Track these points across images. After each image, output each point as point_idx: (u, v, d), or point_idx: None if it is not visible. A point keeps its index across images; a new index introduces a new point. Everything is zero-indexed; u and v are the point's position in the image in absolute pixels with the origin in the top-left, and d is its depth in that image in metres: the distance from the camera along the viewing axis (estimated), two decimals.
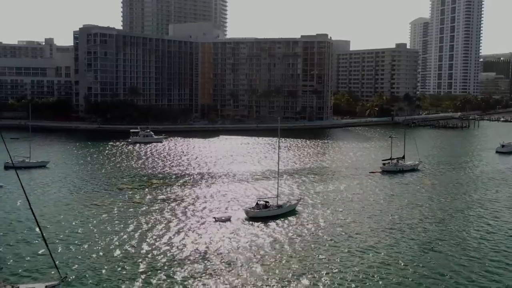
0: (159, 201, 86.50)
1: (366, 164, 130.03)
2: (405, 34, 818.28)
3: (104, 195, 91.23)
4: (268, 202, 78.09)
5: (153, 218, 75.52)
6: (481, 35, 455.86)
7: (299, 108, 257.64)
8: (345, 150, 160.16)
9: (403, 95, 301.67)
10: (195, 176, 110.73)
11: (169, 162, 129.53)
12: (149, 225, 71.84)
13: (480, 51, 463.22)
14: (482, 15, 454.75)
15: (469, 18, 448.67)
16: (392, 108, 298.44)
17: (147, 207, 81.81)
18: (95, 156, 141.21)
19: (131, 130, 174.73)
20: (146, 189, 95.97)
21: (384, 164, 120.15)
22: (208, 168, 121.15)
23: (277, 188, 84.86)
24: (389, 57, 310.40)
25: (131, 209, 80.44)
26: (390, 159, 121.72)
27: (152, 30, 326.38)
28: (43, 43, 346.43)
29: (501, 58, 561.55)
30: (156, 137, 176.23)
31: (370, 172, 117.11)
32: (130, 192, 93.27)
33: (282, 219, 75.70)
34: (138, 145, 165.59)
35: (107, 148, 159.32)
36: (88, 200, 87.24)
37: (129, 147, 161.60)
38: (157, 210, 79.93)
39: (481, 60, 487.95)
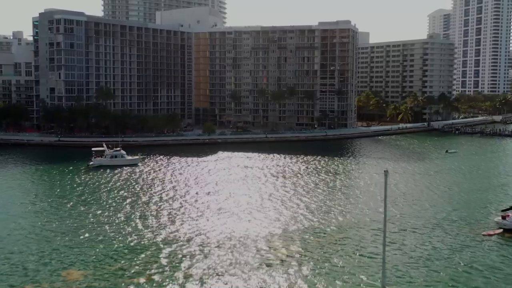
0: None
1: (462, 213, 78.97)
2: (423, 27, 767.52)
3: None
4: None
5: None
6: (511, 27, 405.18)
7: (317, 113, 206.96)
8: (403, 178, 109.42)
9: (438, 95, 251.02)
10: (155, 260, 60.19)
11: (124, 216, 78.38)
12: None
13: (511, 45, 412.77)
14: None
15: (498, 8, 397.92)
16: (424, 111, 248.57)
17: None
18: (21, 196, 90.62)
19: (93, 149, 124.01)
20: None
21: (504, 216, 69.59)
22: (186, 231, 69.64)
23: None
24: (419, 50, 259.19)
25: None
26: None
27: (138, 20, 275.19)
28: (11, 37, 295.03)
29: None
30: (130, 157, 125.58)
31: (484, 234, 66.66)
32: None
33: None
34: (101, 171, 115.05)
35: (55, 177, 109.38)
36: None
37: (88, 175, 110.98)
38: None
39: None
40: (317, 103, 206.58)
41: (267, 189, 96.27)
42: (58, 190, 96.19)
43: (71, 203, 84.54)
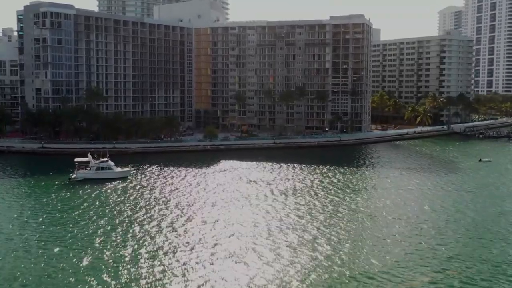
0: None
1: None
2: (433, 25, 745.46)
3: None
4: None
5: None
6: None
7: (328, 115, 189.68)
8: (436, 195, 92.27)
9: (457, 95, 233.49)
10: None
11: (77, 257, 61.55)
12: None
13: None
14: None
15: None
16: (441, 112, 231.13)
17: None
18: None
19: (76, 160, 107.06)
20: None
21: None
22: (152, 281, 52.50)
23: None
24: (436, 47, 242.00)
25: None
26: None
27: (136, 16, 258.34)
28: (1, 34, 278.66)
29: None
30: (119, 170, 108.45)
31: None
32: None
33: None
34: (83, 186, 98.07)
35: (28, 195, 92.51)
36: None
37: (67, 192, 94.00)
38: None
39: None
40: (329, 104, 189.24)
41: (265, 215, 78.18)
42: (26, 211, 79.29)
43: (32, 231, 67.81)
